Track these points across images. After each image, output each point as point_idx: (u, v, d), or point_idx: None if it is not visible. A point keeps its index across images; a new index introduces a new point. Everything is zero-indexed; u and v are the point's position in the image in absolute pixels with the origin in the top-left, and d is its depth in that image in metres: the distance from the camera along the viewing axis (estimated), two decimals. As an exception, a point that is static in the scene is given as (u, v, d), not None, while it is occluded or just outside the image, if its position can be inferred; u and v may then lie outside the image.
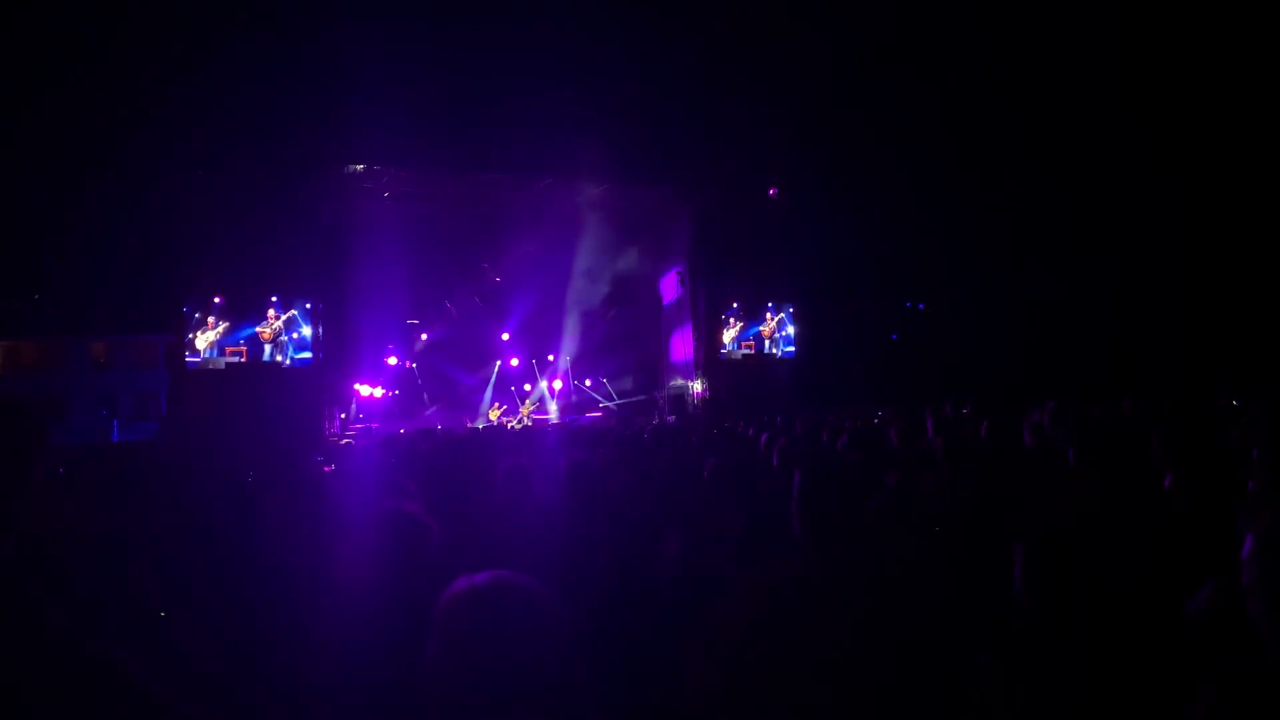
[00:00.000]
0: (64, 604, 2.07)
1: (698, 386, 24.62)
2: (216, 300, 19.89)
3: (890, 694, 1.88)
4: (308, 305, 20.71)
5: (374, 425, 21.86)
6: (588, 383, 25.71)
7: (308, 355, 20.64)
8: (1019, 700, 2.28)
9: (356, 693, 2.24)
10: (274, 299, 20.35)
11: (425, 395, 23.72)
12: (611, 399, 25.42)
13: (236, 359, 19.98)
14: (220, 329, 19.87)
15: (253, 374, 20.05)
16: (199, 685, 2.82)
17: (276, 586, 3.32)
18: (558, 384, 25.26)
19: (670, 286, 26.72)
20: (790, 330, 26.85)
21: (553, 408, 24.79)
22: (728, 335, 25.88)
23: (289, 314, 20.47)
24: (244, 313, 20.16)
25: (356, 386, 22.41)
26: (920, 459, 4.68)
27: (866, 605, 1.96)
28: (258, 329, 20.22)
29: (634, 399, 25.66)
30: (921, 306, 29.23)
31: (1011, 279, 27.31)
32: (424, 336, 24.27)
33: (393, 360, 23.54)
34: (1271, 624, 1.63)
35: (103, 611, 2.84)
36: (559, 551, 3.42)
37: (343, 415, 21.80)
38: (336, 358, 21.49)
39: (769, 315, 26.64)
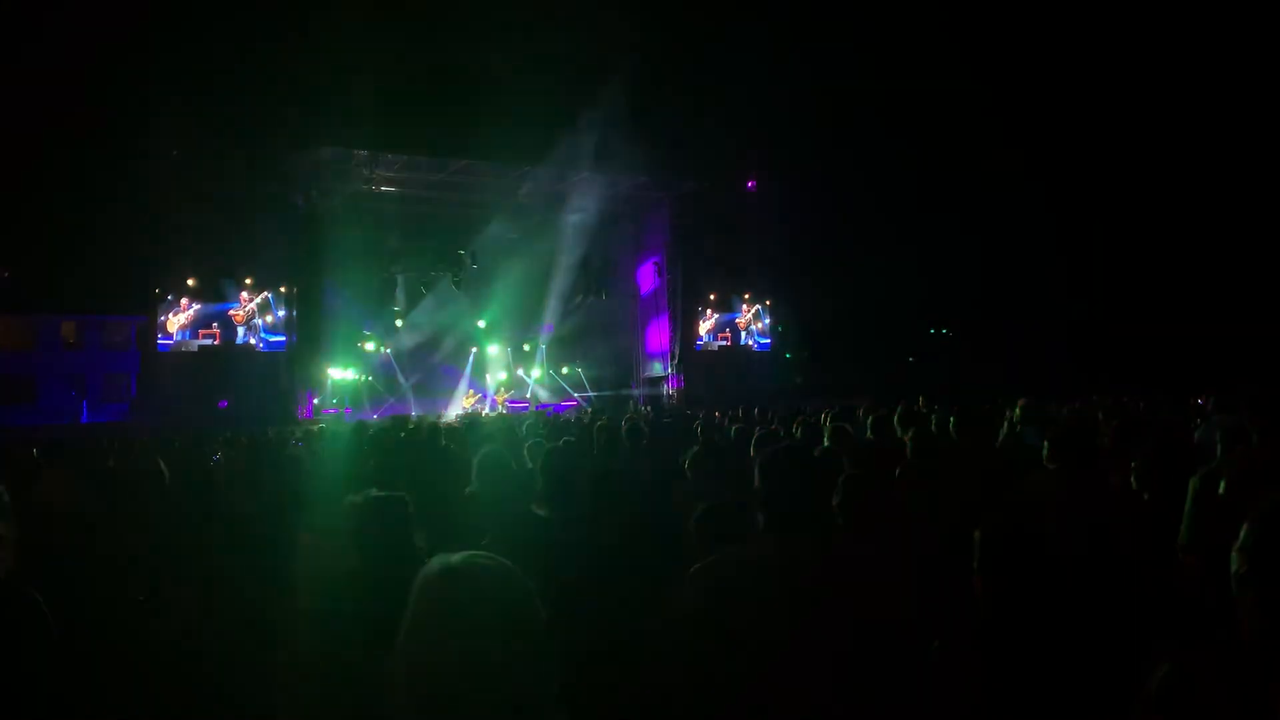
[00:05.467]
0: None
1: (671, 384, 24.66)
2: (189, 282, 19.67)
3: (848, 679, 1.95)
4: (282, 288, 20.53)
5: (347, 410, 21.70)
6: (564, 370, 25.66)
7: (281, 338, 20.48)
8: (973, 684, 2.35)
9: (331, 670, 2.28)
10: (247, 281, 20.17)
11: (400, 381, 23.54)
12: (585, 389, 25.37)
13: (210, 341, 19.80)
14: (192, 311, 19.68)
15: (225, 356, 19.88)
16: (175, 662, 2.85)
17: (251, 569, 3.35)
18: (535, 373, 25.19)
19: (647, 276, 26.68)
20: (766, 322, 26.98)
21: (533, 394, 24.71)
22: (704, 326, 25.95)
23: (262, 296, 20.29)
24: (217, 295, 19.97)
25: (330, 370, 22.23)
26: (886, 452, 4.75)
27: (826, 594, 2.02)
28: (231, 311, 20.03)
29: (608, 390, 25.62)
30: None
31: (990, 274, 27.54)
32: (399, 323, 24.08)
33: (369, 345, 23.33)
34: (1262, 612, 1.59)
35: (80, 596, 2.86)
36: (529, 536, 3.47)
37: (316, 399, 21.63)
38: (311, 341, 21.32)
39: (745, 307, 26.74)
